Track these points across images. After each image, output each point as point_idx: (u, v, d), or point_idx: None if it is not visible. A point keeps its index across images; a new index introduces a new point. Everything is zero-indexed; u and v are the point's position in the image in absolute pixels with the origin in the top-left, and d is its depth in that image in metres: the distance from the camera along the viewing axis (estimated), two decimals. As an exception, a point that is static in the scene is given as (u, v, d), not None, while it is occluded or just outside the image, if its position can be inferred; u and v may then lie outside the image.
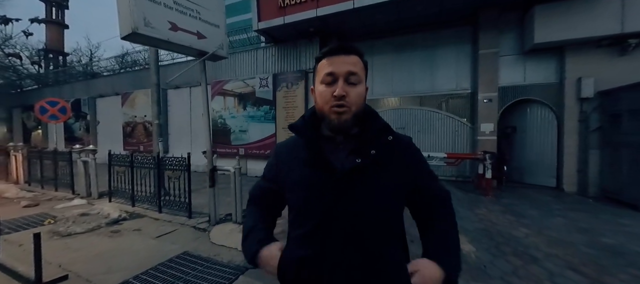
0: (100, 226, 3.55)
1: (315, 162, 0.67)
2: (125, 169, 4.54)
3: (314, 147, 0.69)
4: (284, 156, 0.76)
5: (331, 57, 0.68)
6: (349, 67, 0.66)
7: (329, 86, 0.67)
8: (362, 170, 0.65)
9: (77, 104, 12.00)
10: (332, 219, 0.64)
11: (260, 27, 7.03)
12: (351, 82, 0.67)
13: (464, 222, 3.62)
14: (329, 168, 0.66)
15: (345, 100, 0.65)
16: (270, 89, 7.50)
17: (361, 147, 0.67)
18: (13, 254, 2.63)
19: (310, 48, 7.27)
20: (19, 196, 5.29)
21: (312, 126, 0.72)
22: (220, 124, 8.39)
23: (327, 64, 0.68)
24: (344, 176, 0.64)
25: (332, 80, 0.66)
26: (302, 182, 0.69)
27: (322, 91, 0.68)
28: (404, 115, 6.98)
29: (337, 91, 0.65)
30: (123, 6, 2.75)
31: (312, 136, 0.71)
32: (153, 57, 5.06)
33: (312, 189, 0.67)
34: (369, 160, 0.65)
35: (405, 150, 0.73)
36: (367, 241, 0.64)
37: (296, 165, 0.71)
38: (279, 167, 0.76)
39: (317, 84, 0.71)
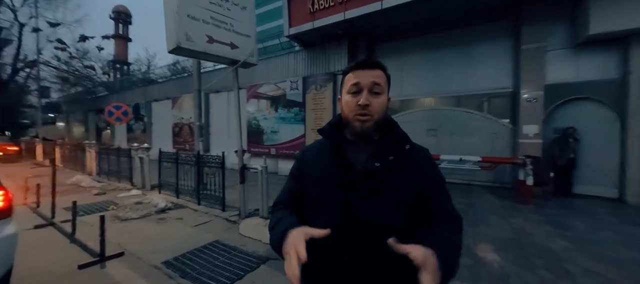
0: (150, 213, 4.12)
1: (338, 162, 0.74)
2: (171, 165, 5.17)
3: (338, 148, 0.76)
4: (309, 156, 0.83)
5: (357, 71, 0.75)
6: (373, 79, 0.73)
7: (355, 95, 0.74)
8: (380, 173, 0.71)
9: (136, 107, 13.77)
10: (350, 214, 0.71)
11: (291, 32, 7.35)
12: (375, 92, 0.73)
13: (493, 230, 3.42)
14: (350, 168, 0.73)
15: (369, 109, 0.72)
16: (300, 91, 7.79)
17: (381, 153, 0.73)
18: (85, 233, 3.23)
19: (339, 51, 7.39)
20: (91, 185, 6.33)
21: (338, 130, 0.80)
22: (254, 125, 8.94)
23: (354, 76, 0.75)
24: (363, 176, 0.71)
25: (357, 90, 0.73)
26: (325, 178, 0.75)
27: (348, 100, 0.75)
28: (437, 116, 6.70)
29: (362, 100, 0.71)
30: (169, 24, 3.19)
31: (337, 138, 0.78)
32: (195, 66, 5.65)
33: (333, 185, 0.73)
34: (387, 165, 0.72)
35: (421, 159, 0.78)
36: (379, 236, 0.68)
37: (320, 164, 0.78)
38: (304, 166, 0.82)
39: (344, 94, 0.77)
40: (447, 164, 5.48)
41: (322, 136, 0.82)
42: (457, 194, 5.26)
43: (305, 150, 0.87)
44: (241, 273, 2.41)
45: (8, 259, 1.62)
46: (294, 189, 0.83)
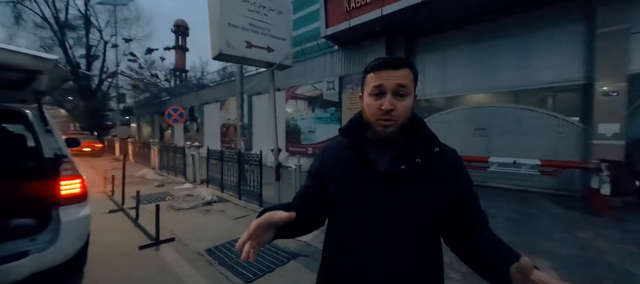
0: (198, 205, 4.56)
1: (360, 163, 0.71)
2: (217, 161, 5.64)
3: (359, 148, 0.72)
4: (329, 156, 0.79)
5: (380, 72, 0.68)
6: (398, 80, 0.67)
7: (377, 98, 0.68)
8: (404, 175, 0.67)
9: (191, 110, 15.36)
10: (374, 215, 0.68)
11: (328, 33, 7.41)
12: (400, 94, 0.67)
13: (556, 245, 2.96)
14: (372, 169, 0.69)
15: (392, 114, 0.66)
16: (337, 91, 7.80)
17: (406, 154, 0.68)
18: (146, 218, 3.72)
19: (376, 48, 7.19)
20: (154, 178, 7.26)
21: (359, 129, 0.76)
22: (292, 125, 9.24)
23: (376, 77, 0.69)
24: (386, 178, 0.68)
25: (380, 92, 0.68)
26: (345, 179, 0.72)
27: (370, 103, 0.69)
28: (486, 114, 6.06)
29: (385, 105, 0.66)
30: (213, 33, 3.49)
31: (358, 138, 0.74)
32: (238, 70, 6.07)
33: (354, 187, 0.70)
34: (414, 167, 0.67)
35: (450, 163, 0.72)
36: (404, 237, 0.67)
37: (341, 164, 0.75)
38: (323, 166, 0.79)
39: (366, 95, 0.72)
40: (497, 167, 4.92)
41: (343, 136, 0.78)
42: (508, 201, 4.69)
43: (325, 149, 0.83)
44: (272, 267, 2.52)
45: (84, 235, 1.96)
46: (311, 188, 0.79)
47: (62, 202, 1.83)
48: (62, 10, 18.21)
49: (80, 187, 1.92)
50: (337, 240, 0.74)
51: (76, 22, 19.15)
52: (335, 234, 0.74)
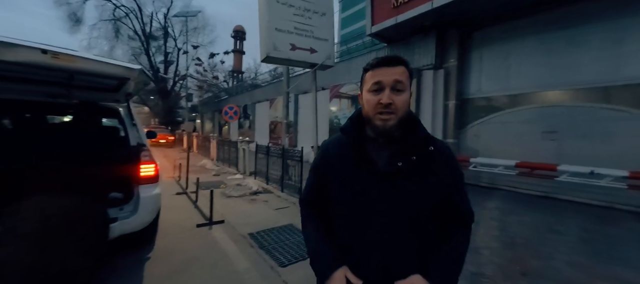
0: (245, 194, 5.04)
1: (360, 160, 0.74)
2: (263, 156, 6.12)
3: (359, 146, 0.75)
4: (331, 153, 0.82)
5: (378, 69, 0.72)
6: (395, 76, 0.70)
7: (376, 93, 0.72)
8: (402, 172, 0.71)
9: (245, 108, 16.77)
10: (373, 211, 0.72)
11: (373, 30, 7.30)
12: (397, 89, 0.71)
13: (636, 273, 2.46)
14: (372, 167, 0.73)
15: (391, 107, 0.70)
16: (381, 90, 7.64)
17: (403, 152, 0.72)
18: (203, 202, 4.29)
19: (425, 44, 6.81)
20: (212, 168, 8.22)
21: (358, 127, 0.79)
22: (335, 123, 9.37)
23: (374, 75, 0.72)
24: (385, 176, 0.72)
25: (379, 88, 0.71)
26: (347, 177, 0.76)
27: (369, 98, 0.73)
28: (557, 114, 5.24)
29: (384, 99, 0.69)
30: (262, 38, 3.82)
31: (358, 136, 0.77)
32: (284, 71, 6.45)
33: (356, 184, 0.74)
34: (410, 165, 0.71)
35: (445, 161, 0.77)
36: (402, 231, 0.72)
37: (342, 161, 0.78)
38: (326, 162, 0.82)
39: (365, 92, 0.76)
40: (568, 177, 4.23)
41: (343, 134, 0.81)
42: (583, 217, 3.99)
43: (327, 145, 0.86)
44: (305, 256, 2.69)
45: (155, 209, 2.42)
46: (317, 185, 0.84)
47: (141, 182, 2.29)
48: (147, 24, 21.75)
49: (154, 170, 2.37)
50: (338, 236, 0.78)
51: (157, 33, 22.67)
52: (337, 230, 0.78)
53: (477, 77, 6.58)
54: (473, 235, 2.95)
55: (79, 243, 1.65)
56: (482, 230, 3.45)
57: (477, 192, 5.71)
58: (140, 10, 21.37)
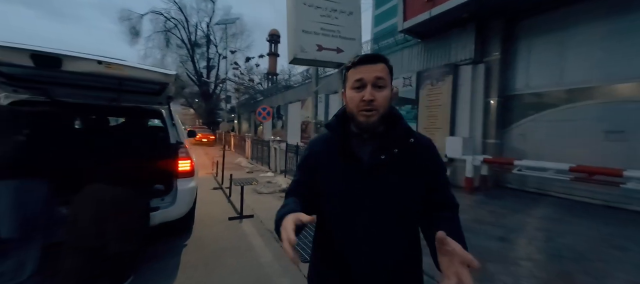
0: (275, 191, 5.25)
1: (345, 155, 0.77)
2: (293, 155, 6.30)
3: (344, 142, 0.78)
4: (317, 150, 0.85)
5: (359, 67, 0.74)
6: (376, 73, 0.72)
7: (358, 91, 0.74)
8: (385, 165, 0.74)
9: (278, 109, 17.37)
10: (360, 205, 0.74)
11: (405, 26, 7.04)
12: (379, 86, 0.73)
13: None
14: (357, 161, 0.75)
15: (373, 103, 0.72)
16: (413, 87, 7.32)
17: (385, 146, 0.75)
18: (236, 197, 4.57)
19: (463, 37, 6.36)
20: (246, 166, 8.70)
21: (343, 123, 0.81)
22: (365, 123, 9.24)
23: (356, 72, 0.74)
24: (369, 169, 0.74)
25: (361, 85, 0.73)
26: (334, 171, 0.78)
27: (352, 95, 0.75)
28: (624, 112, 4.51)
29: (366, 95, 0.71)
30: (289, 40, 3.95)
31: (343, 132, 0.80)
32: (313, 72, 6.54)
33: (343, 178, 0.76)
34: (392, 157, 0.74)
35: (425, 151, 0.80)
36: (388, 224, 0.74)
37: (329, 157, 0.81)
38: (312, 159, 0.84)
39: (348, 89, 0.77)
40: (636, 184, 3.61)
41: (328, 130, 0.84)
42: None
43: (313, 143, 0.88)
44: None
45: (191, 201, 2.67)
46: (302, 181, 0.84)
47: (178, 176, 2.54)
48: (193, 33, 23.79)
49: (190, 166, 2.61)
50: (326, 229, 0.80)
51: (201, 41, 24.65)
52: (324, 225, 0.81)
53: (524, 71, 5.95)
54: (512, 246, 2.72)
55: (129, 229, 1.91)
56: (524, 240, 3.13)
57: (522, 197, 5.18)
58: (186, 20, 23.50)
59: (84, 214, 1.75)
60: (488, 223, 3.71)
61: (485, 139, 6.19)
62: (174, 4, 22.96)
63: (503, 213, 4.18)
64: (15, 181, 1.74)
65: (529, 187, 5.69)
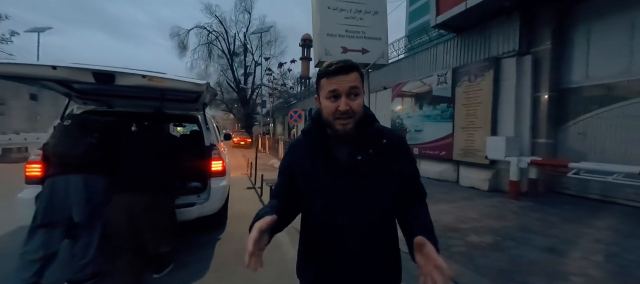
0: (304, 192, 5.38)
1: (324, 157, 0.81)
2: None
3: (322, 145, 0.82)
4: (296, 153, 0.89)
5: (332, 78, 0.76)
6: (350, 83, 0.75)
7: (333, 101, 0.76)
8: (362, 165, 0.78)
9: (310, 111, 17.69)
10: (340, 202, 0.79)
11: (439, 21, 6.69)
12: (353, 94, 0.76)
13: None
14: (335, 162, 0.79)
15: (349, 112, 0.75)
16: (449, 85, 6.89)
17: (361, 146, 0.79)
18: (267, 197, 4.81)
19: (506, 27, 5.82)
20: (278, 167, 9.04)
21: (321, 127, 0.84)
22: (397, 124, 8.93)
23: (329, 83, 0.76)
24: (347, 169, 0.78)
25: (335, 95, 0.76)
26: (314, 172, 0.82)
27: (327, 105, 0.78)
28: None
29: (342, 106, 0.74)
30: (315, 44, 4.05)
31: (320, 135, 0.83)
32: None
33: (323, 178, 0.81)
34: (368, 157, 0.78)
35: (397, 147, 0.85)
36: (368, 219, 0.79)
37: (309, 159, 0.84)
38: (292, 161, 0.88)
39: (322, 98, 0.80)
40: None
41: (305, 136, 0.87)
42: None
43: (293, 146, 0.92)
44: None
45: (223, 198, 2.90)
46: (284, 183, 0.88)
47: (212, 175, 2.78)
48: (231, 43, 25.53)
49: (221, 166, 2.84)
50: (310, 228, 0.86)
51: (239, 50, 26.30)
52: (308, 222, 0.86)
53: (582, 61, 5.23)
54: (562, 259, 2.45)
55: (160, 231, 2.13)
56: (579, 253, 2.75)
57: (580, 205, 4.55)
58: (226, 32, 25.31)
59: (118, 217, 1.98)
60: (534, 232, 3.33)
61: (535, 139, 5.56)
62: (215, 18, 24.94)
63: (554, 222, 3.72)
64: (86, 174, 2.07)
65: (592, 194, 4.96)
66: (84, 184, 2.04)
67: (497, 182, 5.82)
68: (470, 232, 3.32)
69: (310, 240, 0.88)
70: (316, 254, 0.85)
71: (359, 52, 4.01)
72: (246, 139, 19.82)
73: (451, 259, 2.62)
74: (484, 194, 5.49)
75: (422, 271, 0.61)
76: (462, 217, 3.92)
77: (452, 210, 4.28)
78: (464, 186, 6.34)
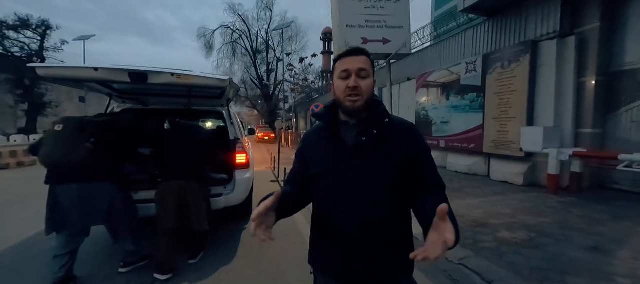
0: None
1: (332, 139, 0.86)
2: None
3: (332, 128, 0.87)
4: (310, 139, 0.95)
5: (345, 59, 0.84)
6: (359, 64, 0.82)
7: (345, 80, 0.83)
8: (367, 146, 0.81)
9: (332, 105, 17.66)
10: (344, 183, 0.82)
11: (468, 5, 6.30)
12: (361, 76, 0.82)
13: None
14: (342, 144, 0.84)
15: (358, 90, 0.81)
16: (479, 73, 6.48)
17: (367, 128, 0.83)
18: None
19: (545, 6, 5.32)
20: (301, 161, 9.18)
21: (332, 112, 0.90)
22: (422, 116, 8.61)
23: (342, 64, 0.84)
24: (352, 150, 0.82)
25: (347, 75, 0.83)
26: (323, 155, 0.88)
27: (339, 84, 0.84)
28: None
29: (351, 82, 0.81)
30: (335, 37, 4.01)
31: (331, 120, 0.89)
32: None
33: (330, 161, 0.85)
34: (372, 137, 0.81)
35: (403, 132, 0.86)
36: (372, 199, 0.81)
37: (319, 144, 0.91)
38: (306, 148, 0.94)
39: (335, 79, 0.86)
40: None
41: (317, 119, 0.92)
42: None
43: (307, 134, 1.00)
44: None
45: (248, 189, 3.03)
46: (297, 170, 0.95)
47: (236, 167, 2.90)
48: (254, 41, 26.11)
49: (245, 159, 2.95)
50: (319, 207, 0.90)
51: (261, 48, 26.82)
52: (318, 202, 0.90)
53: (636, 39, 4.63)
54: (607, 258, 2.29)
55: (201, 212, 2.29)
56: (627, 254, 2.49)
57: (633, 201, 4.09)
58: (249, 30, 25.90)
59: (167, 202, 2.20)
60: (576, 229, 3.07)
61: (579, 129, 5.06)
62: (238, 17, 25.63)
63: (600, 219, 3.38)
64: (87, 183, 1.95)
65: (647, 189, 4.43)
66: (88, 193, 1.96)
67: (533, 177, 5.41)
68: (502, 228, 3.13)
69: (318, 225, 0.91)
70: (323, 239, 0.89)
71: (380, 43, 3.91)
72: (270, 134, 20.33)
73: (479, 254, 2.50)
74: (519, 189, 5.14)
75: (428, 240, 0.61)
76: (493, 212, 3.71)
77: (482, 205, 4.07)
78: (495, 180, 5.98)
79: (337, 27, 3.83)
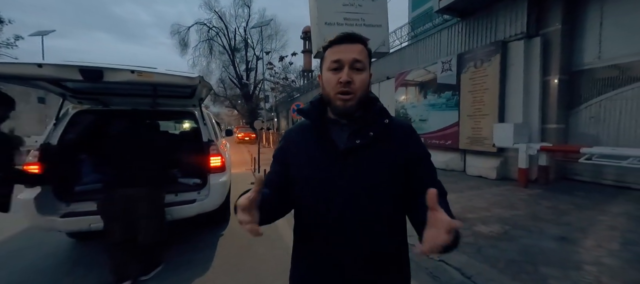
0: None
1: (321, 141, 0.74)
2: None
3: (320, 128, 0.75)
4: (293, 139, 0.81)
5: (337, 46, 0.70)
6: (354, 54, 0.68)
7: (335, 72, 0.70)
8: (361, 149, 0.71)
9: (313, 104, 17.60)
10: (334, 190, 0.70)
11: (442, 5, 6.47)
12: (356, 68, 0.69)
13: None
14: (333, 147, 0.72)
15: (351, 86, 0.68)
16: (454, 72, 6.69)
17: (361, 129, 0.72)
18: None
19: (513, 9, 5.58)
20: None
21: (319, 109, 0.78)
22: (401, 114, 8.76)
23: (333, 52, 0.70)
24: (345, 154, 0.71)
25: (338, 67, 0.69)
26: (309, 159, 0.75)
27: (328, 77, 0.71)
28: None
29: (343, 77, 0.68)
30: (313, 35, 3.93)
31: (319, 118, 0.77)
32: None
33: (318, 163, 0.73)
34: (368, 141, 0.70)
35: (402, 134, 0.76)
36: (368, 211, 0.70)
37: (304, 145, 0.78)
38: (288, 148, 0.81)
39: (324, 71, 0.73)
40: None
41: (303, 117, 0.79)
42: None
43: (289, 132, 0.85)
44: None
45: (224, 194, 2.86)
46: (277, 171, 0.80)
47: (211, 171, 2.73)
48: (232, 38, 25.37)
49: (220, 162, 2.79)
50: (304, 217, 0.77)
51: (239, 46, 26.13)
52: (302, 212, 0.77)
53: (595, 41, 4.99)
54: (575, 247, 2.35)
55: (152, 223, 2.11)
56: (591, 242, 2.64)
57: (594, 192, 4.40)
58: (226, 27, 25.14)
59: (112, 213, 2.02)
60: (545, 220, 3.22)
61: (545, 125, 5.37)
62: (214, 14, 24.76)
63: (565, 210, 3.59)
64: None
65: (606, 180, 4.79)
66: None
67: (505, 171, 5.67)
68: (478, 222, 3.23)
69: (302, 239, 0.79)
70: (308, 255, 0.77)
71: (359, 41, 3.88)
72: (250, 134, 19.86)
73: (458, 249, 2.54)
74: (492, 183, 5.36)
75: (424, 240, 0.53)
76: (469, 206, 3.83)
77: (459, 200, 4.19)
78: (471, 175, 6.21)
79: (316, 25, 3.76)
